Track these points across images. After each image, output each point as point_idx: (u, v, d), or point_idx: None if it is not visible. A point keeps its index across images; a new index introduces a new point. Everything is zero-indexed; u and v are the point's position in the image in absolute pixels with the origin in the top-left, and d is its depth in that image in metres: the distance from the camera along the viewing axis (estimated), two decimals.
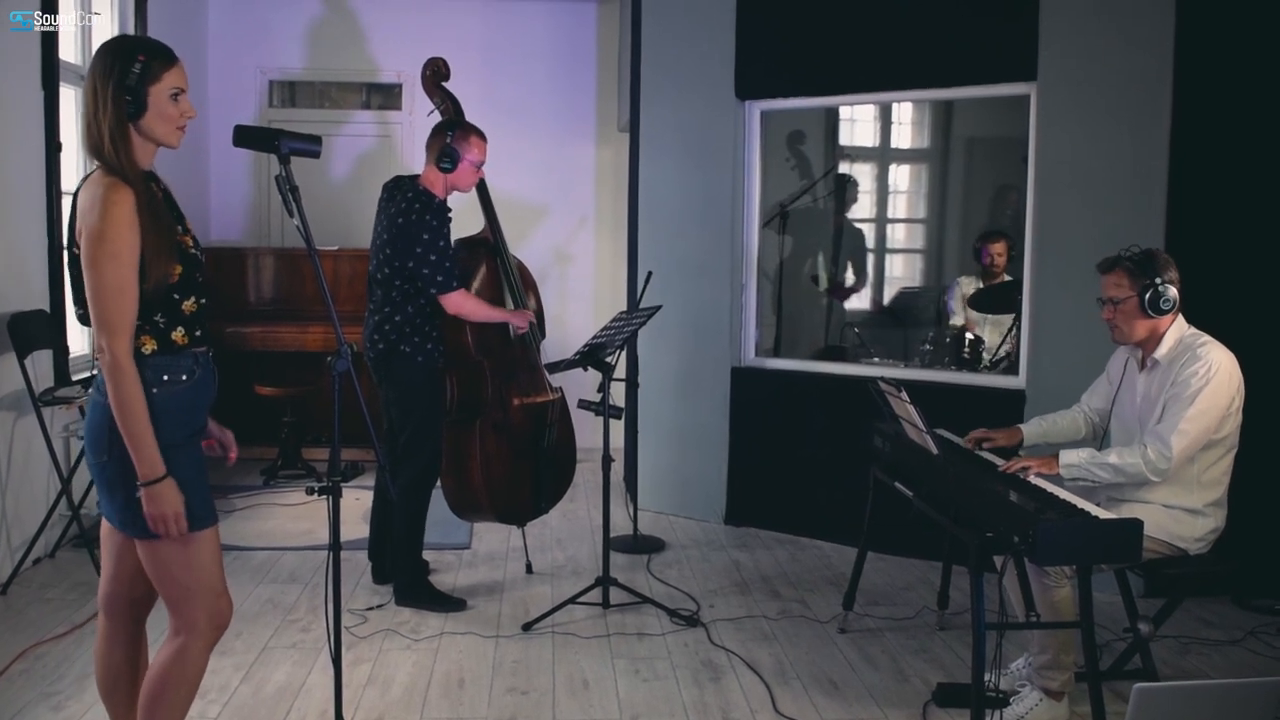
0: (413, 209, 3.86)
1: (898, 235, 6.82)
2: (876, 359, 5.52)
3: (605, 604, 4.05)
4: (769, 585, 4.41)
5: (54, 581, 4.24)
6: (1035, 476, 3.13)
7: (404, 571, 4.05)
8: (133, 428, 2.20)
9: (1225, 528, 3.16)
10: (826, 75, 4.97)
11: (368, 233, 4.13)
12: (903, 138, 6.72)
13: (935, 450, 3.16)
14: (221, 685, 3.32)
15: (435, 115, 4.43)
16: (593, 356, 4.03)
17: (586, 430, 5.04)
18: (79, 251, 2.21)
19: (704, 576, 4.51)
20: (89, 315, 2.24)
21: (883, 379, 3.53)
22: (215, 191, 6.80)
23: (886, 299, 6.50)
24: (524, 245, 6.24)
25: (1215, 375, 3.03)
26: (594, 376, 4.13)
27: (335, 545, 2.47)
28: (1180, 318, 3.18)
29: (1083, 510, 2.81)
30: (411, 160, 6.54)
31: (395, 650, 3.66)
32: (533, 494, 4.39)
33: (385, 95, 6.93)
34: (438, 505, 4.22)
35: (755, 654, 3.68)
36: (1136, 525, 2.75)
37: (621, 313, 4.44)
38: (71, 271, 2.29)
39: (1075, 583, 2.96)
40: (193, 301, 2.31)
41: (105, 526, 2.43)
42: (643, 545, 4.87)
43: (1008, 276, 5.18)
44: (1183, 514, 3.10)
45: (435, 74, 4.43)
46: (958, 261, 6.28)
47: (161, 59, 2.26)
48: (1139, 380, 3.24)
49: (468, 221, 4.58)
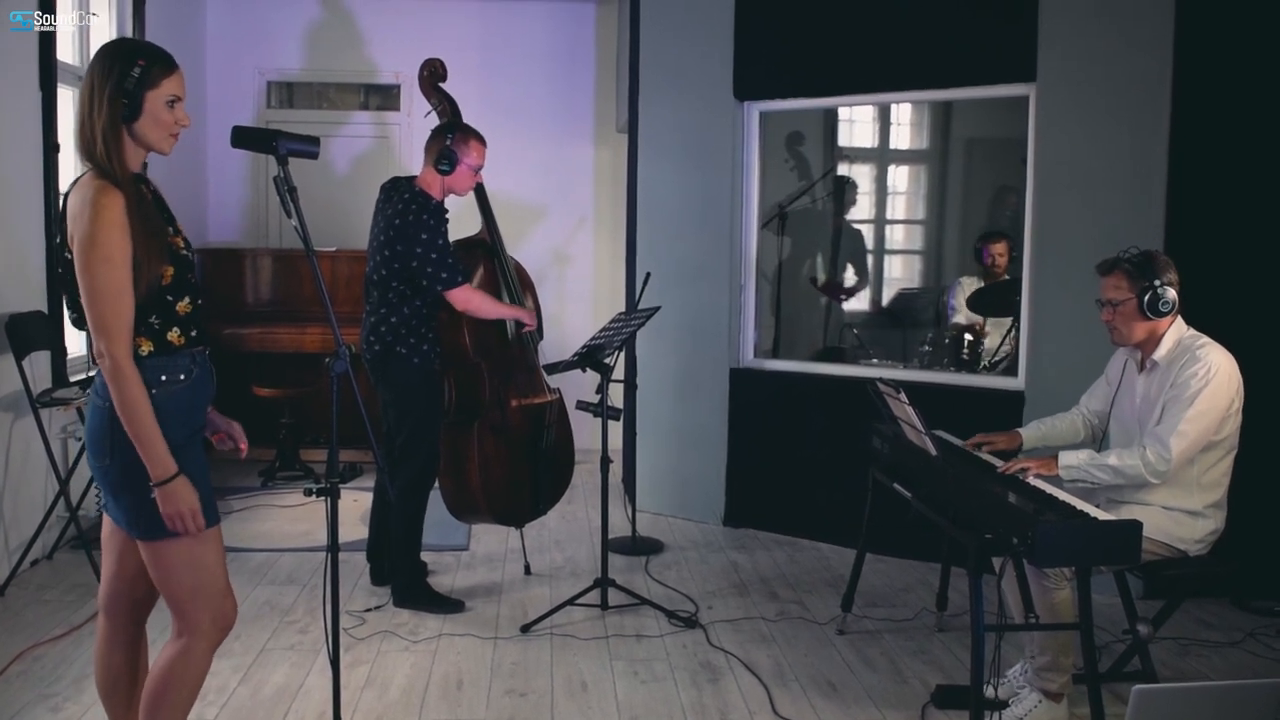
0: (410, 209, 3.85)
1: (897, 236, 6.82)
2: (875, 360, 5.52)
3: (604, 606, 4.05)
4: (768, 587, 4.41)
5: (52, 583, 4.24)
6: (1034, 478, 3.13)
7: (402, 573, 4.05)
8: (140, 429, 2.20)
9: (1225, 529, 3.16)
10: (825, 76, 4.97)
11: (366, 234, 4.12)
12: (902, 139, 6.72)
13: (934, 451, 3.16)
14: (220, 687, 3.31)
15: (433, 116, 4.42)
16: (591, 358, 4.02)
17: (585, 431, 5.03)
18: (70, 256, 2.21)
19: (702, 578, 4.51)
20: (83, 319, 2.23)
21: (881, 380, 3.53)
22: (213, 192, 6.79)
23: (885, 300, 6.49)
24: (522, 246, 6.23)
25: (1214, 377, 3.02)
26: (592, 378, 4.13)
27: (333, 547, 2.47)
28: (1179, 319, 3.18)
29: (1082, 512, 2.81)
30: (410, 161, 6.53)
31: (393, 652, 3.65)
32: (531, 495, 4.39)
33: (383, 96, 6.93)
34: (436, 507, 4.21)
35: (754, 656, 3.67)
36: (1136, 527, 2.74)
37: (620, 314, 4.43)
38: (65, 276, 2.29)
39: (1074, 584, 2.96)
40: (187, 302, 2.31)
41: (107, 527, 2.43)
42: (641, 547, 4.86)
43: (1009, 277, 5.18)
44: (1182, 515, 3.10)
45: (432, 75, 4.42)
46: (957, 262, 6.28)
47: (161, 65, 2.26)
48: (1138, 382, 3.24)
49: (466, 223, 4.58)
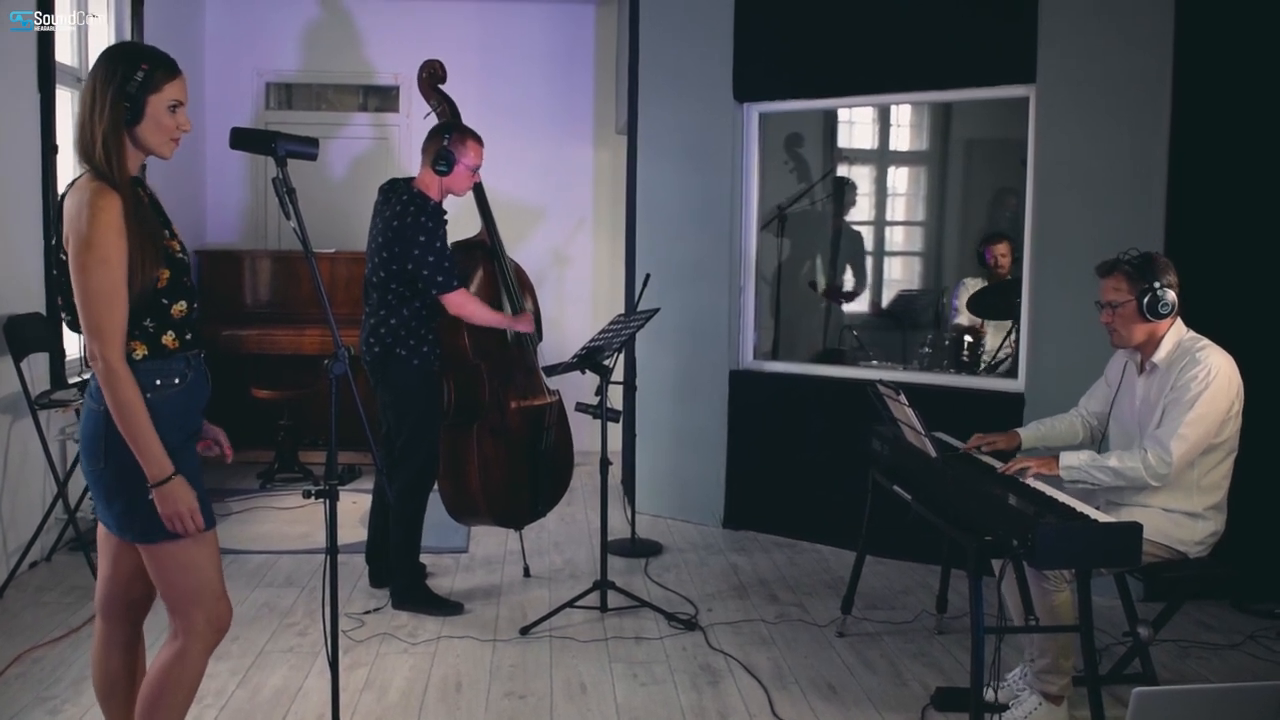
0: (408, 211, 3.85)
1: (896, 238, 6.81)
2: (875, 362, 5.52)
3: (603, 608, 4.04)
4: (767, 589, 4.40)
5: (50, 585, 4.23)
6: (1034, 478, 3.12)
7: (401, 575, 4.04)
8: (135, 431, 2.19)
9: (1225, 531, 3.16)
10: (825, 77, 4.97)
11: (364, 235, 4.12)
12: (901, 140, 6.72)
13: (934, 453, 3.16)
14: (218, 689, 3.31)
15: (432, 118, 4.42)
16: (590, 359, 4.02)
17: (584, 433, 5.03)
18: (66, 257, 2.21)
19: (702, 580, 4.50)
20: (77, 322, 2.23)
21: (881, 382, 3.53)
22: (211, 194, 6.79)
23: (885, 302, 6.48)
24: (521, 247, 6.23)
25: (1214, 379, 3.02)
26: (592, 379, 4.13)
27: (332, 549, 2.46)
28: (1179, 321, 3.17)
29: (1082, 514, 2.81)
30: (409, 162, 6.52)
31: (392, 654, 3.65)
32: (530, 497, 4.38)
33: (382, 97, 6.92)
34: (435, 508, 4.20)
35: (753, 658, 3.67)
36: (1136, 529, 2.74)
37: (619, 315, 4.43)
38: (60, 278, 2.28)
39: (1074, 586, 2.96)
40: (182, 305, 2.30)
41: (103, 529, 2.42)
42: (641, 549, 4.86)
43: (1011, 278, 5.16)
44: (1182, 518, 3.09)
45: (431, 76, 4.42)
46: (957, 264, 6.27)
47: (164, 70, 2.26)
48: (1138, 384, 3.23)
49: (465, 224, 4.58)
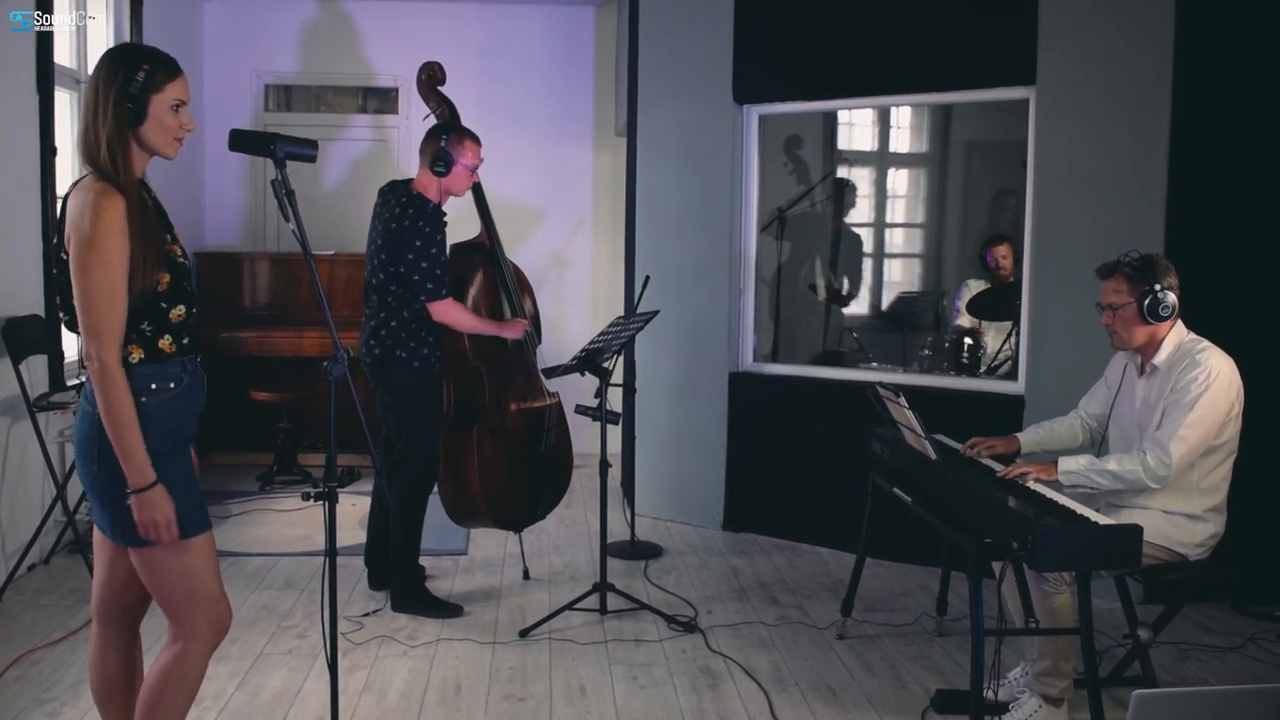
0: (406, 214, 3.85)
1: (896, 240, 6.80)
2: (875, 364, 5.51)
3: (602, 610, 4.04)
4: (767, 591, 4.40)
5: (49, 587, 4.22)
6: (1034, 483, 3.12)
7: (401, 577, 4.04)
8: (122, 435, 2.19)
9: (1225, 533, 3.16)
10: (825, 78, 4.96)
11: (364, 237, 4.12)
12: (901, 142, 6.71)
13: (934, 456, 3.15)
14: (217, 692, 3.30)
15: (432, 119, 4.42)
16: (590, 361, 4.01)
17: (584, 435, 5.03)
18: (68, 258, 2.20)
19: (702, 583, 4.50)
20: (76, 322, 2.22)
21: (881, 384, 3.53)
22: (210, 195, 6.79)
23: (885, 304, 6.48)
24: (521, 249, 6.23)
25: (1215, 381, 3.02)
26: (591, 382, 4.12)
27: (331, 551, 2.46)
28: (1179, 323, 3.17)
29: (1082, 516, 2.80)
30: (408, 164, 6.52)
31: (391, 657, 3.64)
32: (530, 499, 4.38)
33: (381, 99, 6.92)
34: (434, 511, 4.20)
35: (753, 661, 3.66)
36: (1136, 531, 2.74)
37: (619, 317, 4.42)
38: (60, 278, 2.28)
39: (1074, 589, 2.95)
40: (181, 309, 2.30)
41: (98, 532, 2.42)
42: (640, 551, 4.85)
43: (1014, 280, 5.15)
44: (1182, 520, 3.09)
45: (431, 78, 4.42)
46: (957, 266, 6.27)
47: (166, 69, 2.26)
48: (1138, 386, 3.23)
49: (464, 226, 4.57)
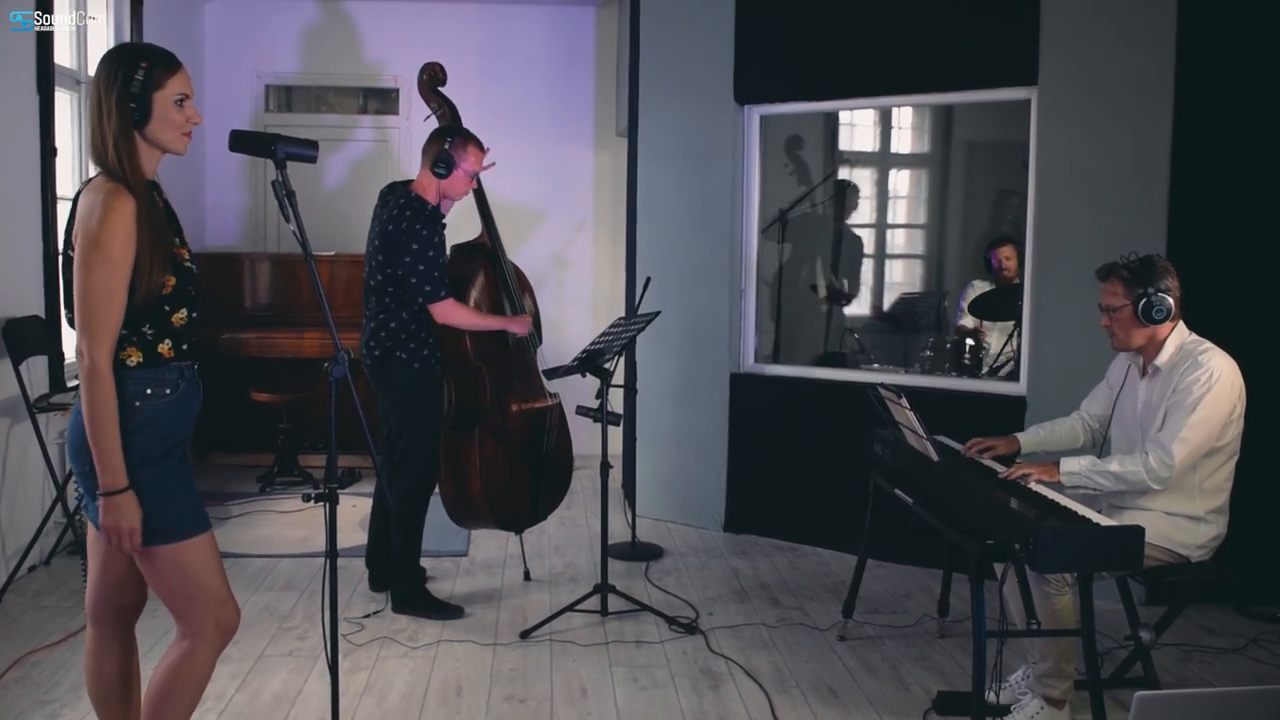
0: (404, 216, 3.84)
1: (898, 241, 6.80)
2: (876, 365, 5.51)
3: (603, 611, 4.03)
4: (768, 593, 4.39)
5: (49, 589, 4.22)
6: (1036, 484, 3.11)
7: (401, 579, 4.03)
8: (100, 435, 2.18)
9: (1227, 535, 3.15)
10: (826, 79, 4.96)
11: (364, 238, 4.11)
12: (902, 142, 6.71)
13: (935, 457, 3.15)
14: (217, 693, 3.30)
15: (433, 120, 4.41)
16: (591, 363, 4.01)
17: (585, 437, 5.02)
18: (73, 254, 2.20)
19: (703, 584, 4.49)
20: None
21: (883, 385, 3.52)
22: (210, 196, 6.78)
23: (887, 305, 6.48)
24: (522, 250, 6.22)
25: (1217, 382, 3.01)
26: (592, 383, 4.12)
27: (332, 552, 2.45)
28: (1181, 324, 3.16)
29: (1084, 517, 2.80)
30: (409, 165, 6.52)
31: (392, 658, 3.64)
32: (531, 500, 4.37)
33: (382, 100, 6.92)
34: (435, 512, 4.19)
35: (754, 662, 3.66)
36: (1138, 532, 2.73)
37: (620, 318, 4.42)
38: (65, 275, 2.28)
39: (1076, 590, 2.95)
40: (183, 314, 2.30)
41: (92, 532, 2.40)
42: (641, 552, 4.85)
43: (1018, 281, 5.14)
44: (1184, 521, 3.08)
45: (432, 79, 4.41)
46: (958, 267, 6.26)
47: (164, 65, 2.26)
48: (1140, 387, 3.22)
49: (465, 226, 4.57)
